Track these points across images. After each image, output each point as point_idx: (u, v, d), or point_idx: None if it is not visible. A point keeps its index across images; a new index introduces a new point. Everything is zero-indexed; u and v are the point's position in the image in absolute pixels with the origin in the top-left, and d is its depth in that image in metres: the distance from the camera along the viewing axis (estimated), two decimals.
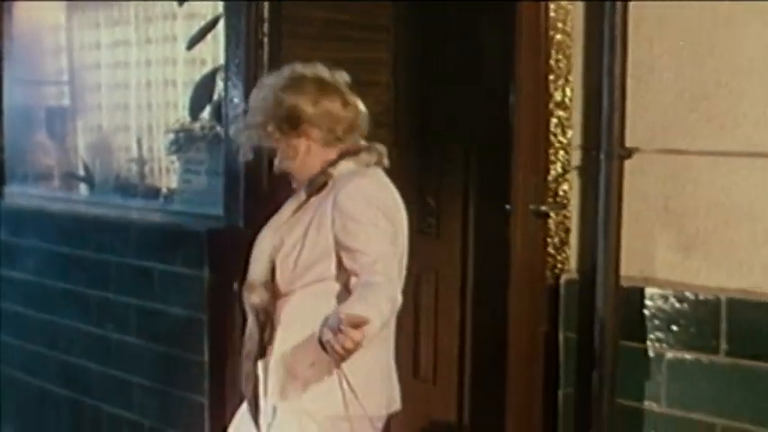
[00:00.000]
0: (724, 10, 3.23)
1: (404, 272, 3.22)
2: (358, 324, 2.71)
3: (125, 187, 5.99)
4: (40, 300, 6.05)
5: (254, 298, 3.23)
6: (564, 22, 3.60)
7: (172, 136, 5.59)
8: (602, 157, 3.37)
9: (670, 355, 3.35)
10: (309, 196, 3.21)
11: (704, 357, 3.27)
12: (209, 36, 5.25)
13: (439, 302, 5.05)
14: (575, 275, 3.58)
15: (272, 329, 3.23)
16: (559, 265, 3.65)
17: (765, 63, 3.16)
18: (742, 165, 3.19)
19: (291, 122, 3.22)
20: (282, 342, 3.18)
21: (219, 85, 5.18)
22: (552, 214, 3.62)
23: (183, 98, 5.54)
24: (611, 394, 3.43)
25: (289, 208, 3.26)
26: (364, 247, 3.05)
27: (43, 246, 6.05)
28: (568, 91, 3.60)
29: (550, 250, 3.64)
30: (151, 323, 5.24)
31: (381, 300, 2.95)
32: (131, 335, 5.39)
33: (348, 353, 2.75)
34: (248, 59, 4.83)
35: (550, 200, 3.62)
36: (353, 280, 3.03)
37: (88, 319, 5.70)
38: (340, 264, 3.08)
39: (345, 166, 3.20)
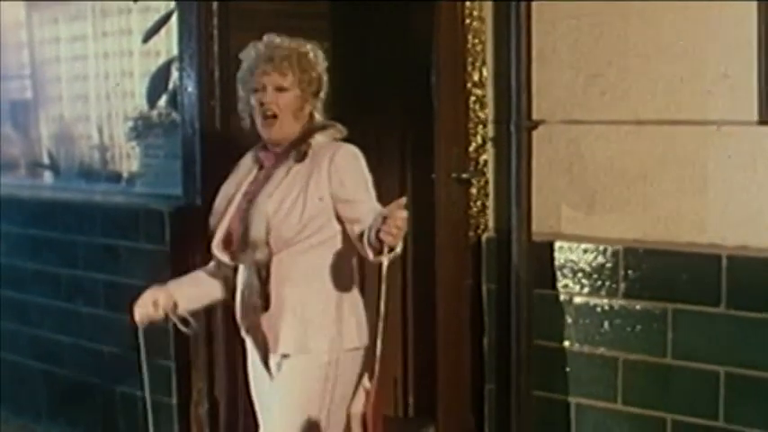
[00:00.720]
0: None
1: None
2: (400, 207, 2.96)
3: (88, 173, 6.22)
4: (13, 280, 6.30)
5: (258, 255, 3.35)
6: (479, 10, 4.03)
7: (131, 123, 5.86)
8: (512, 129, 3.81)
9: (577, 299, 3.81)
10: (297, 161, 3.37)
11: (605, 301, 3.73)
12: (163, 29, 5.52)
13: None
14: (493, 234, 4.03)
15: (278, 284, 3.36)
16: (481, 226, 4.08)
17: (649, 45, 3.61)
18: (631, 132, 3.65)
19: (315, 91, 3.48)
20: (299, 296, 3.34)
21: (174, 74, 5.45)
22: (474, 181, 4.06)
23: (140, 88, 5.79)
24: (528, 337, 3.87)
25: (277, 176, 3.38)
26: (362, 197, 3.31)
27: (13, 230, 6.30)
28: (484, 71, 4.03)
29: (473, 212, 4.08)
30: (118, 296, 5.55)
31: None
32: (100, 308, 5.72)
33: (400, 232, 2.95)
34: (200, 51, 5.14)
35: (471, 169, 4.05)
36: (356, 228, 3.23)
37: (59, 295, 5.99)
38: (339, 222, 3.30)
39: (322, 138, 3.42)
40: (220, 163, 4.78)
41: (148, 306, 3.59)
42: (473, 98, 4.05)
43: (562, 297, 3.84)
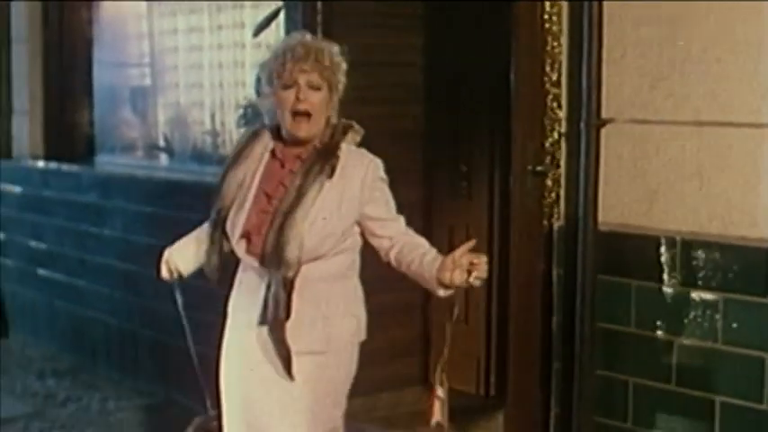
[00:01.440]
0: (680, 6, 3.94)
1: None
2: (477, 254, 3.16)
3: (201, 156, 6.62)
4: (127, 253, 6.67)
5: (290, 273, 3.32)
6: (558, 15, 4.30)
7: (241, 111, 6.25)
8: (582, 126, 4.10)
9: (638, 286, 4.08)
10: (332, 171, 3.33)
11: (663, 288, 4.00)
12: (273, 24, 5.79)
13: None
14: (563, 223, 4.32)
15: (301, 287, 3.34)
16: (555, 215, 4.37)
17: (709, 52, 3.87)
18: (691, 132, 3.91)
19: (334, 91, 3.40)
20: (324, 295, 3.38)
21: None
22: (549, 174, 4.35)
23: (251, 78, 6.05)
24: (591, 319, 4.16)
25: (311, 194, 3.32)
26: (393, 216, 3.41)
27: (130, 207, 6.68)
28: (562, 71, 4.32)
29: (547, 203, 4.37)
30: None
31: None
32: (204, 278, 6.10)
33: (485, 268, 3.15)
34: None
35: (547, 162, 4.35)
36: (386, 243, 3.36)
37: None
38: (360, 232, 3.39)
39: (346, 146, 3.41)
40: None
41: (163, 267, 3.85)
42: (550, 97, 4.31)
43: (624, 283, 4.10)
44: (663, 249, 3.99)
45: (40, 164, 7.66)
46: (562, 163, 4.33)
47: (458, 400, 5.60)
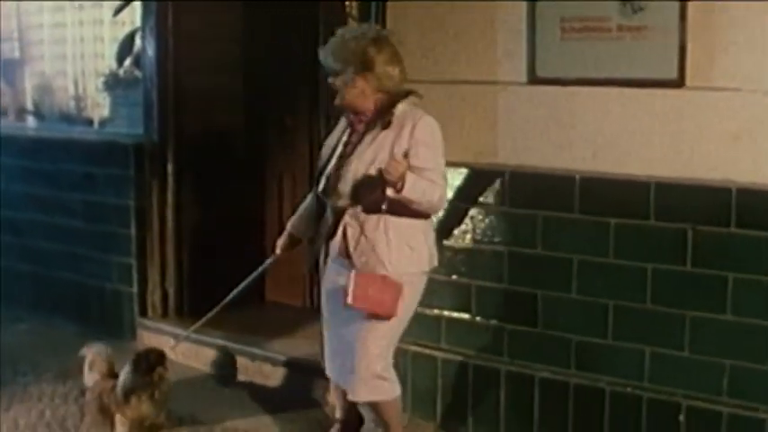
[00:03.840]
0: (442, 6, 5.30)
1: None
2: (401, 167, 3.98)
3: (67, 118, 7.50)
4: (8, 202, 7.58)
5: (340, 202, 4.29)
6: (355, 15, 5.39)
7: (102, 79, 7.23)
8: None
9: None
10: (383, 128, 4.21)
11: None
12: (130, 5, 6.84)
13: (296, 197, 6.57)
14: None
15: (361, 228, 4.28)
16: None
17: (459, 31, 5.21)
18: (444, 87, 5.25)
19: (365, 69, 4.24)
20: (382, 229, 4.27)
21: (137, 41, 6.81)
22: None
23: (110, 51, 7.12)
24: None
25: (367, 140, 4.24)
26: (431, 165, 4.19)
27: (8, 162, 7.62)
28: None
29: None
30: (94, 210, 7.04)
31: (434, 193, 4.18)
32: (79, 220, 7.16)
33: (395, 174, 3.99)
34: (158, 24, 6.61)
35: None
36: None
37: (46, 212, 7.36)
38: None
39: (403, 106, 4.26)
40: (172, 109, 6.60)
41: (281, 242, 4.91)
42: None
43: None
44: None
45: None
46: None
47: (287, 311, 6.92)
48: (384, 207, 4.20)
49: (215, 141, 6.87)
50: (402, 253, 4.32)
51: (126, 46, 7.00)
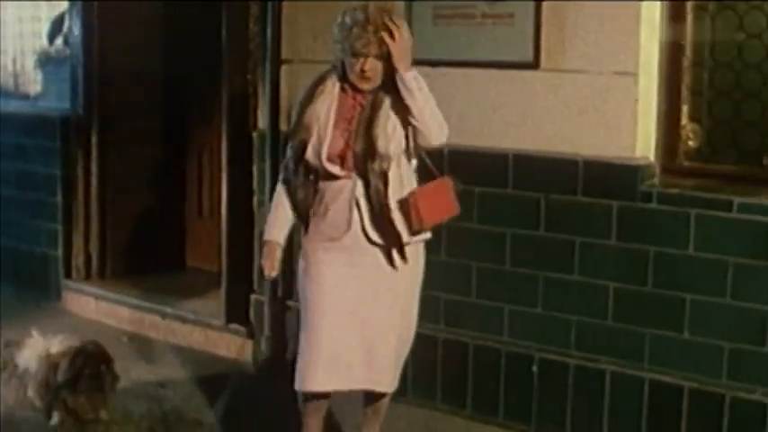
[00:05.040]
0: None
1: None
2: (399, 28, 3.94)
3: (6, 94, 7.95)
4: None
5: (384, 165, 4.07)
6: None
7: (36, 56, 7.68)
8: (268, 65, 5.92)
9: None
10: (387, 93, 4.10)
11: None
12: None
13: (213, 168, 7.12)
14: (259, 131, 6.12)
15: (385, 186, 4.09)
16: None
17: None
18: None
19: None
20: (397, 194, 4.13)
21: (67, 22, 7.23)
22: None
23: (44, 29, 7.53)
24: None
25: (386, 105, 4.08)
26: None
27: None
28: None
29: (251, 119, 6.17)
30: (25, 179, 7.51)
31: (434, 107, 4.11)
32: (11, 188, 7.62)
33: (395, 32, 3.93)
34: (84, 6, 7.11)
35: (250, 92, 6.11)
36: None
37: None
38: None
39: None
40: (96, 85, 7.09)
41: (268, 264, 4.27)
42: (252, 45, 6.05)
43: None
44: None
45: None
46: (259, 91, 6.05)
47: (203, 276, 7.36)
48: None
49: (137, 115, 7.34)
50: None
51: (57, 25, 7.45)
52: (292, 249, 5.54)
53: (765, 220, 4.57)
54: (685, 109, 5.00)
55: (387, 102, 4.09)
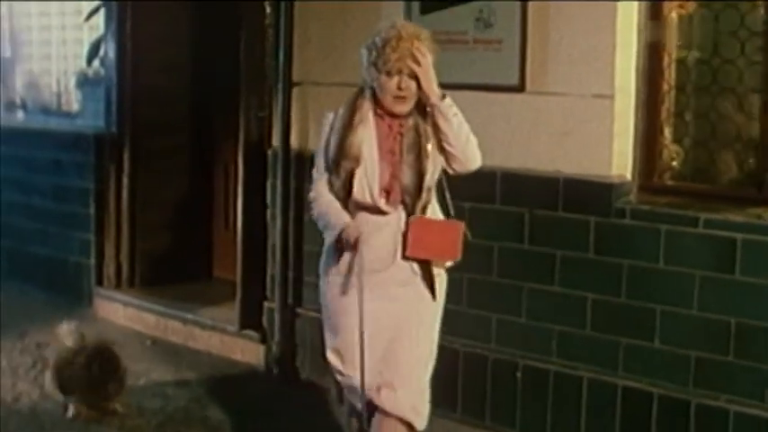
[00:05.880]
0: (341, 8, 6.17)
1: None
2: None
3: (47, 111, 8.41)
4: None
5: (429, 197, 4.12)
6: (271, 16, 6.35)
7: (75, 77, 8.12)
8: (280, 86, 6.28)
9: None
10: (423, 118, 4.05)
11: None
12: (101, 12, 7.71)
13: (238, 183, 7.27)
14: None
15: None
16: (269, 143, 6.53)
17: (351, 37, 6.08)
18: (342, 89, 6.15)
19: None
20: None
21: (103, 44, 7.68)
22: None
23: (84, 51, 7.96)
24: (297, 212, 6.40)
25: (426, 132, 4.03)
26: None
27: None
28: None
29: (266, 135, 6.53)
30: (61, 192, 7.97)
31: (469, 132, 4.06)
32: (49, 200, 8.10)
33: (421, 62, 3.85)
34: (118, 30, 7.54)
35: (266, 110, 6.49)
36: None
37: (19, 192, 8.32)
38: None
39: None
40: (129, 104, 7.51)
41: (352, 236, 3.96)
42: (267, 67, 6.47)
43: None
44: None
45: None
46: (275, 110, 6.43)
47: (227, 286, 7.68)
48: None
49: (166, 132, 7.78)
50: None
51: (94, 48, 7.91)
52: (303, 259, 6.03)
53: (728, 235, 4.82)
54: (667, 130, 5.28)
55: (427, 129, 4.00)
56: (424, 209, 4.05)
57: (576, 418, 5.29)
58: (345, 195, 4.02)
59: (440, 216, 4.19)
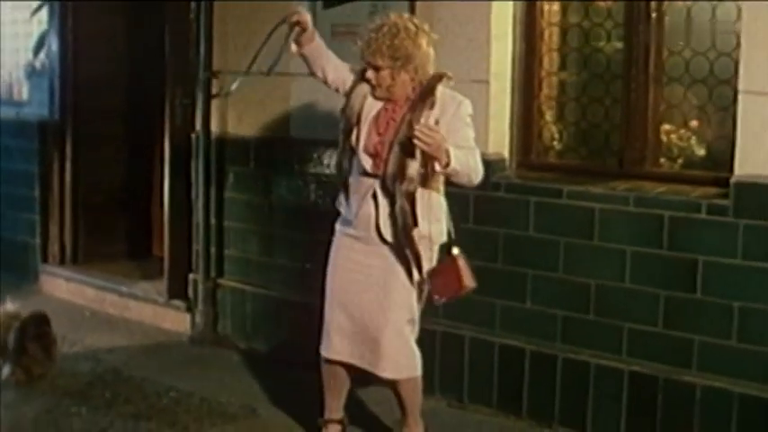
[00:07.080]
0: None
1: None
2: (437, 135, 4.05)
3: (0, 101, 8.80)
4: None
5: (411, 187, 4.33)
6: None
7: (23, 69, 8.56)
8: (201, 75, 6.83)
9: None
10: (432, 105, 4.32)
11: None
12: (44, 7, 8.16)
13: None
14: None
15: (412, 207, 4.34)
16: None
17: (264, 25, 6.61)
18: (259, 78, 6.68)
19: (410, 63, 4.32)
20: (426, 207, 4.43)
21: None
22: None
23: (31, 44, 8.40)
24: (217, 189, 6.93)
25: (420, 120, 4.27)
26: (472, 144, 4.41)
27: None
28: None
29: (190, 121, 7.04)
30: (8, 176, 8.42)
31: (475, 165, 4.34)
32: None
33: (429, 142, 4.04)
34: (60, 24, 8.01)
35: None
36: None
37: None
38: None
39: (442, 88, 4.38)
40: (70, 94, 7.95)
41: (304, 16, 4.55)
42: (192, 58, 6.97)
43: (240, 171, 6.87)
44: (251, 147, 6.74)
45: None
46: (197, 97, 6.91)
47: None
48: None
49: (106, 119, 8.27)
50: (435, 227, 4.56)
51: (40, 41, 8.35)
52: (223, 234, 6.56)
53: (587, 204, 5.35)
54: (548, 113, 5.81)
55: (425, 116, 4.32)
56: (411, 198, 4.39)
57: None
58: (351, 154, 4.47)
59: (443, 221, 4.61)
